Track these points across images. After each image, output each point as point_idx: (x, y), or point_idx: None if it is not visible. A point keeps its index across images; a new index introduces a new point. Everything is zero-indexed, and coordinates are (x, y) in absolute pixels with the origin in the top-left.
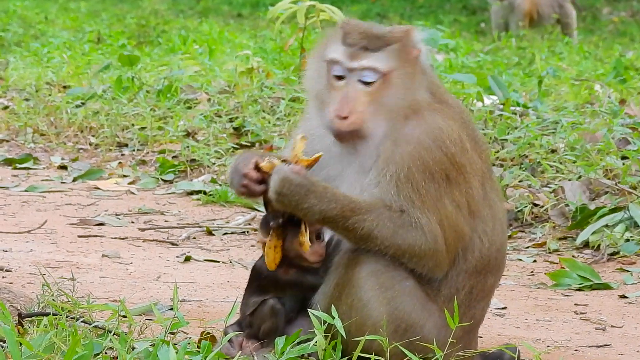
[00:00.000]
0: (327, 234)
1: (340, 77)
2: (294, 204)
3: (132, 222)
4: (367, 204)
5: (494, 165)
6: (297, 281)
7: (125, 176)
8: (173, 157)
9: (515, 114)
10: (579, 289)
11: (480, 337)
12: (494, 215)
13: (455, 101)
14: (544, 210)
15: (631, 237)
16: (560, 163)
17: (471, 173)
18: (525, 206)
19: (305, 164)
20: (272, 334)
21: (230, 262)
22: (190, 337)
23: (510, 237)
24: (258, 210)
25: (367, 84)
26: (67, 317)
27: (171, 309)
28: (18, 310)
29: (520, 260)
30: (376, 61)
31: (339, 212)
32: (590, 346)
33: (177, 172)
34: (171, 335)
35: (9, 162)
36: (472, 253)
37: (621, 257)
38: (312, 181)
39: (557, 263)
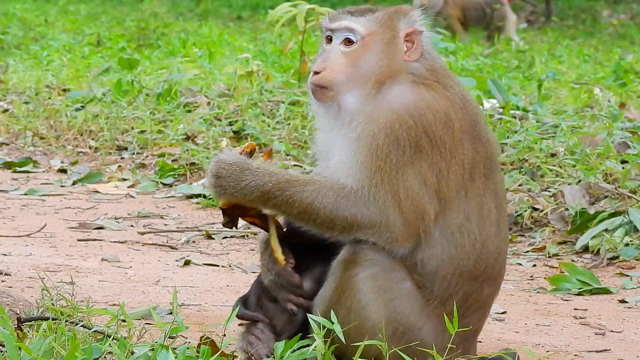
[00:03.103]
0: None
1: (328, 41)
2: (232, 185)
3: (132, 226)
4: (305, 176)
5: None
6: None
7: (124, 180)
8: (173, 160)
9: (515, 117)
10: (579, 294)
11: (480, 341)
12: (484, 216)
13: (460, 90)
14: (544, 214)
15: (631, 241)
16: (560, 167)
17: (452, 153)
18: (525, 210)
19: (238, 151)
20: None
21: (230, 266)
22: (189, 342)
23: (509, 241)
24: None
25: (347, 45)
26: (66, 321)
27: (170, 313)
28: (17, 314)
29: (520, 264)
30: (356, 23)
31: (274, 185)
32: (589, 351)
33: (176, 176)
34: (170, 340)
35: (8, 165)
36: (440, 246)
37: (621, 261)
38: (245, 160)
39: (556, 267)
